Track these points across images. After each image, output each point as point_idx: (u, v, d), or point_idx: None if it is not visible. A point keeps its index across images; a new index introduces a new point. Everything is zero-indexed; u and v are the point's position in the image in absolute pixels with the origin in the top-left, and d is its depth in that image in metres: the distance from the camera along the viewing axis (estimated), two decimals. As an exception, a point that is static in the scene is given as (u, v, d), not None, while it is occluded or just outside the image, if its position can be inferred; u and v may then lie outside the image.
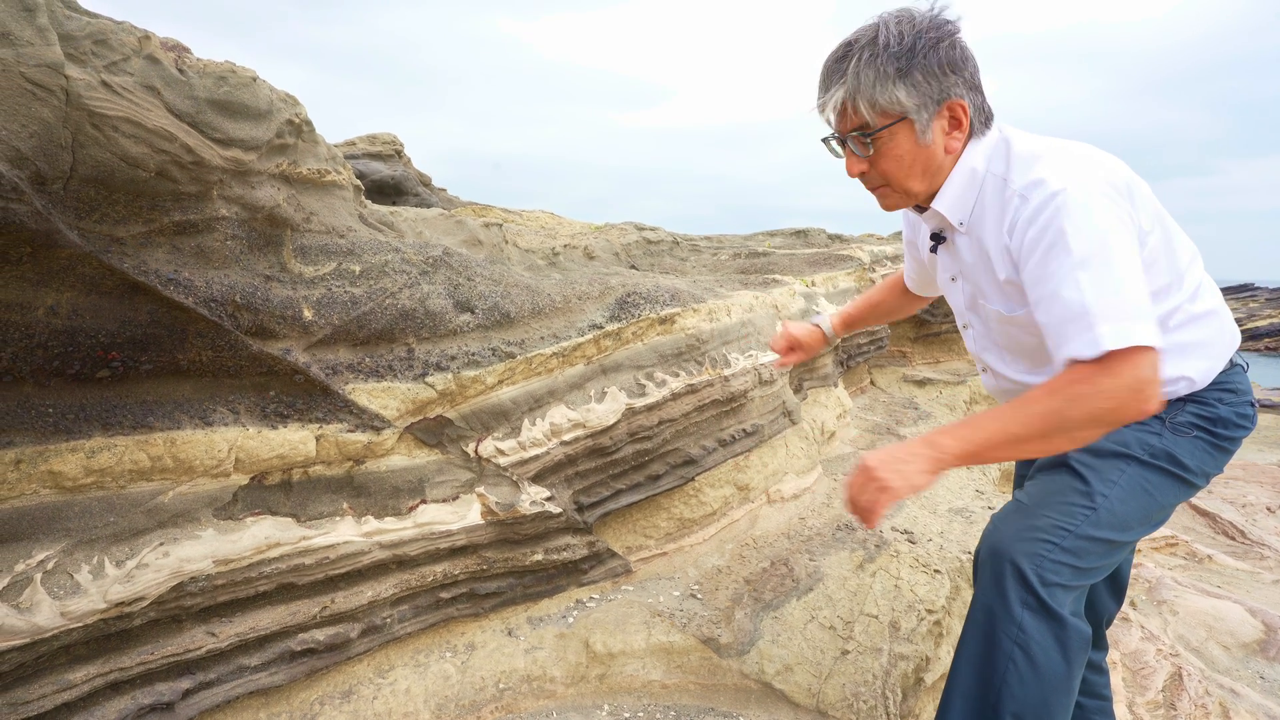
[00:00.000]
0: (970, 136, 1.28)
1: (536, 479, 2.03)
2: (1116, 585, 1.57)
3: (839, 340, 1.93)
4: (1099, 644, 1.60)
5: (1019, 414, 1.13)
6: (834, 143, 1.34)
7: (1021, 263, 1.20)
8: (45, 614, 1.25)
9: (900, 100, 1.22)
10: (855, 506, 1.18)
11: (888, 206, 1.37)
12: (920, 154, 1.27)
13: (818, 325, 1.89)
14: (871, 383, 4.67)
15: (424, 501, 1.86)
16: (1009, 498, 1.50)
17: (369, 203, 2.05)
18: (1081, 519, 1.22)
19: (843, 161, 1.35)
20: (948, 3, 1.26)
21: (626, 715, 1.84)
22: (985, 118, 1.29)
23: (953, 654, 1.30)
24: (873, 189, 1.35)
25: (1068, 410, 1.10)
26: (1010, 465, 3.59)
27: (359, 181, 1.95)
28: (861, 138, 1.27)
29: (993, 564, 1.22)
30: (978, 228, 1.31)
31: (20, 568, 1.27)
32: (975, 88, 1.26)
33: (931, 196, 1.33)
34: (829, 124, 1.31)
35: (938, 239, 1.42)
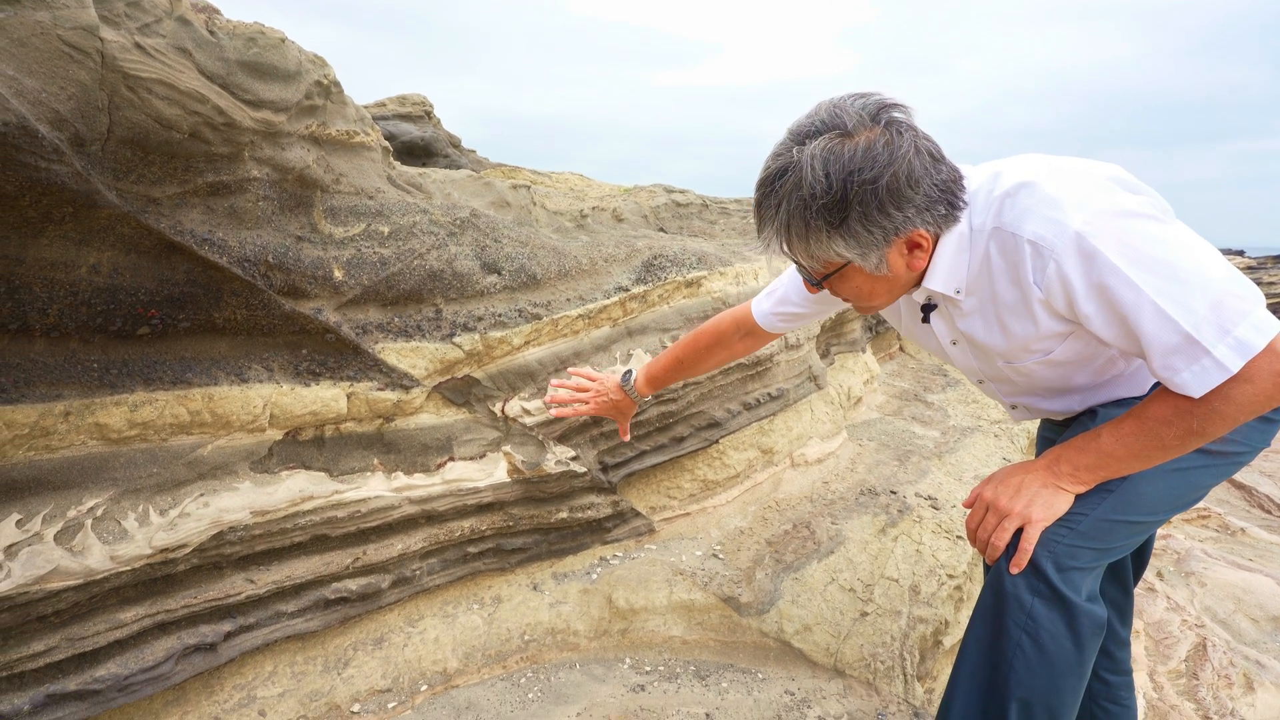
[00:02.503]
0: (940, 237, 1.14)
1: (562, 439, 2.06)
2: (1139, 554, 1.52)
3: (644, 401, 1.83)
4: (1126, 619, 1.54)
5: (1149, 438, 1.09)
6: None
7: (1075, 310, 1.08)
8: (96, 557, 1.32)
9: (840, 253, 1.09)
10: (981, 542, 1.19)
11: (864, 312, 1.28)
12: (879, 282, 1.16)
13: (623, 386, 1.74)
14: (900, 349, 4.62)
15: (452, 459, 1.91)
16: None
17: (397, 164, 2.07)
18: (1098, 502, 1.15)
19: None
20: (890, 98, 1.07)
21: (648, 669, 1.89)
22: (956, 213, 1.13)
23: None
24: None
25: (1209, 428, 1.04)
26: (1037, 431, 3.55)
27: (387, 143, 1.97)
28: (809, 281, 1.19)
29: (1005, 547, 1.17)
30: (982, 287, 1.18)
31: (72, 513, 1.33)
32: (933, 200, 1.09)
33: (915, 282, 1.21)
34: None
35: (928, 308, 1.29)
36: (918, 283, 1.20)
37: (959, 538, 2.31)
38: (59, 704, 1.31)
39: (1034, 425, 3.61)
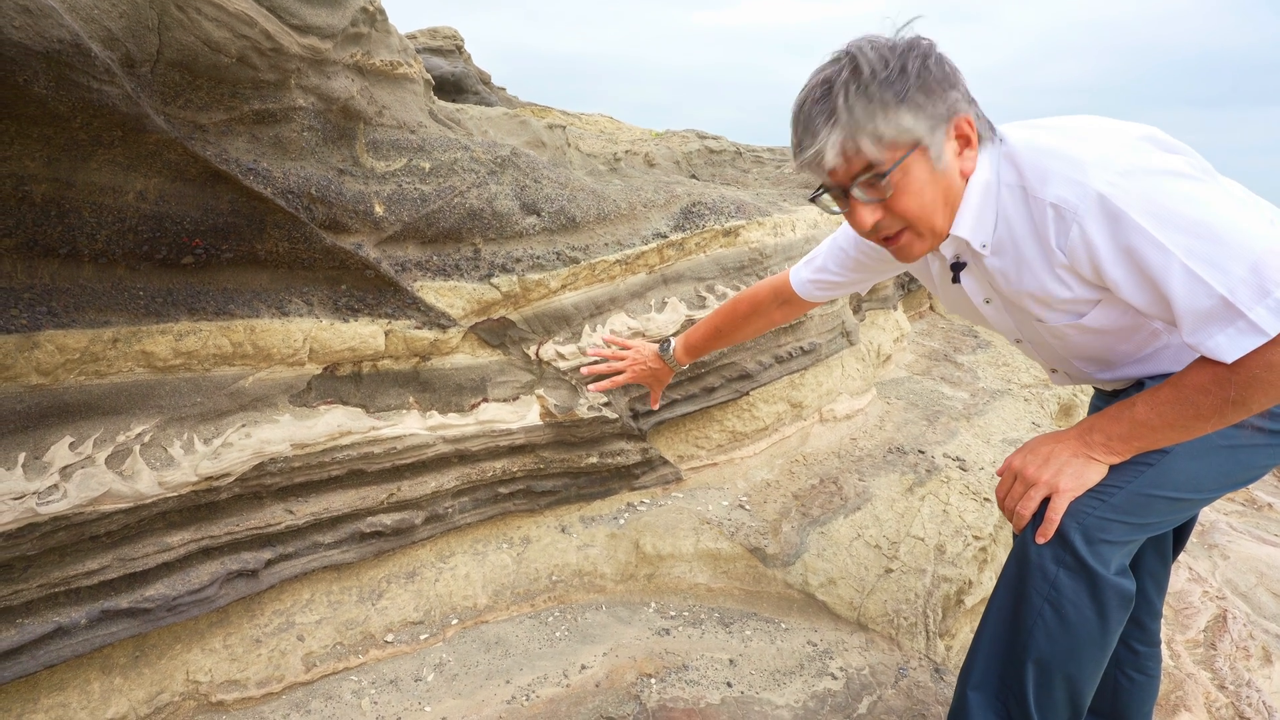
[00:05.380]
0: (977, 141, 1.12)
1: (595, 385, 2.06)
2: (1180, 526, 1.50)
3: (683, 368, 1.84)
4: (1162, 590, 1.53)
5: (1185, 407, 1.05)
6: (829, 198, 1.15)
7: (1102, 276, 1.05)
8: (145, 482, 1.34)
9: (908, 127, 1.04)
10: (1008, 510, 1.18)
11: (912, 255, 1.17)
12: (939, 183, 1.10)
13: (662, 355, 1.78)
14: (930, 308, 4.55)
15: (486, 400, 1.92)
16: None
17: (436, 99, 2.02)
18: (1135, 475, 1.12)
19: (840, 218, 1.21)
20: (912, 22, 1.08)
21: (672, 613, 1.93)
22: (988, 128, 1.13)
23: (996, 580, 1.28)
24: (889, 238, 1.16)
25: (1249, 397, 1.00)
26: (1069, 397, 3.51)
27: (429, 75, 1.92)
28: (874, 180, 1.08)
29: (1032, 516, 1.16)
30: (1007, 247, 1.15)
31: (121, 439, 1.35)
32: (971, 100, 1.10)
33: None
34: (819, 176, 1.11)
35: (958, 267, 1.25)
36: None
37: (986, 499, 2.31)
38: (113, 620, 1.35)
39: (1065, 391, 3.57)
